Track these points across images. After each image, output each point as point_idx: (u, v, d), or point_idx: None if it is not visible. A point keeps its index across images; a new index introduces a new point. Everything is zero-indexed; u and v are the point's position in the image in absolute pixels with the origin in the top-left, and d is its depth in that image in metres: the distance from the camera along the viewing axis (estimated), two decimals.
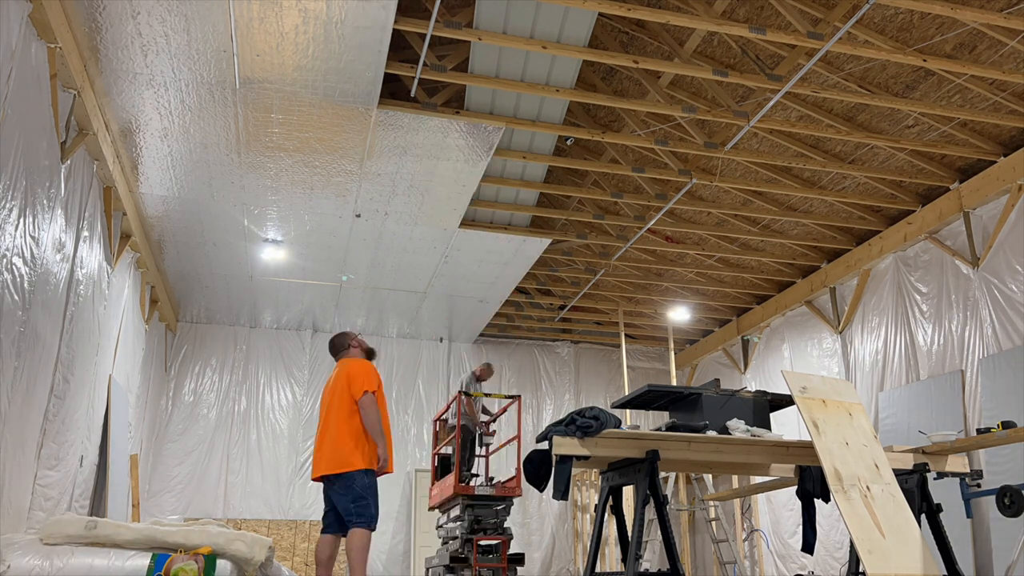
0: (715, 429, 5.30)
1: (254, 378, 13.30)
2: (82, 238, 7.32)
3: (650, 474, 4.84)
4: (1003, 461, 7.72)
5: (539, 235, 10.45)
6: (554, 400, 14.79)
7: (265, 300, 12.38)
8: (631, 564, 4.82)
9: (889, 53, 7.04)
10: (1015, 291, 8.13)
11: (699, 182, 9.31)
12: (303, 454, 13.16)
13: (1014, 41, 6.94)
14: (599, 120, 8.97)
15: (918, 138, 8.50)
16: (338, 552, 5.59)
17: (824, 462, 4.88)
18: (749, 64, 7.54)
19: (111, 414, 8.83)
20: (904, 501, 4.92)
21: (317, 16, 6.31)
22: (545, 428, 4.99)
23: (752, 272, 12.03)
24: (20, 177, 5.59)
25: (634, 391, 5.70)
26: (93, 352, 8.06)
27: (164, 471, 12.38)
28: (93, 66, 6.77)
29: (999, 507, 5.87)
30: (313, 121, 7.71)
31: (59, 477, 7.22)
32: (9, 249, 5.53)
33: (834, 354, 11.03)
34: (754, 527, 12.23)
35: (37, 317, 6.24)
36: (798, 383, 5.34)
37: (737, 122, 8.01)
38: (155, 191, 8.93)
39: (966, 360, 8.70)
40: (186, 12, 6.22)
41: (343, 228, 9.91)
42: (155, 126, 7.72)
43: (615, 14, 6.88)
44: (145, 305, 10.55)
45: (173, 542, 5.47)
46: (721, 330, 14.02)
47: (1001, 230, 8.34)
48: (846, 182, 9.53)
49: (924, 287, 9.46)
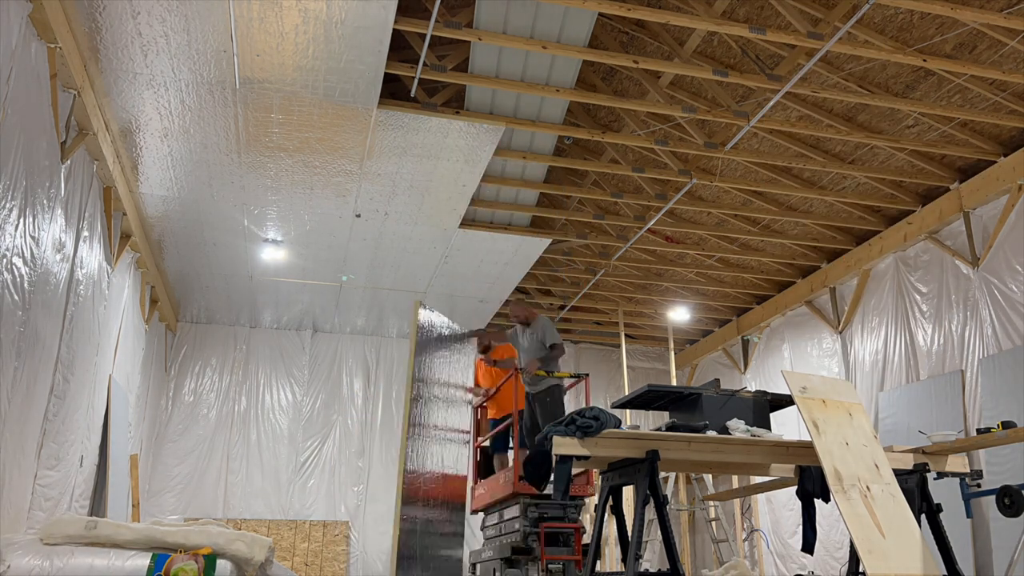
0: (715, 429, 5.30)
1: (254, 378, 13.29)
2: (82, 238, 7.32)
3: (650, 474, 4.83)
4: (1003, 461, 7.72)
5: (539, 235, 10.45)
6: None
7: (265, 300, 12.37)
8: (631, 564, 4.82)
9: (889, 53, 7.04)
10: (1015, 291, 8.13)
11: (699, 182, 9.31)
12: (303, 454, 13.15)
13: (1014, 41, 6.94)
14: (599, 120, 8.97)
15: (918, 138, 8.50)
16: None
17: (824, 462, 4.87)
18: (749, 64, 7.54)
19: (111, 414, 8.83)
20: (904, 501, 4.92)
21: (317, 16, 6.31)
22: (545, 428, 4.99)
23: (752, 272, 12.03)
24: (20, 177, 5.59)
25: (634, 391, 5.69)
26: (93, 352, 8.06)
27: (164, 471, 12.38)
28: (93, 66, 6.77)
29: (999, 507, 5.86)
30: (313, 121, 7.71)
31: (59, 477, 7.22)
32: (9, 249, 5.53)
33: (834, 354, 11.03)
34: (754, 527, 12.23)
35: (37, 317, 6.24)
36: (798, 383, 5.33)
37: (737, 122, 8.01)
38: (155, 191, 8.93)
39: (966, 360, 8.70)
40: (186, 12, 6.22)
41: (343, 228, 9.91)
42: (155, 126, 7.72)
43: (615, 14, 6.88)
44: (145, 305, 10.55)
45: (173, 542, 5.47)
46: (721, 330, 14.02)
47: (1001, 230, 8.34)
48: (846, 182, 9.53)
49: (924, 287, 9.46)
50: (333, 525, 12.82)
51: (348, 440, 13.39)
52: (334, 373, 13.65)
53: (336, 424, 13.43)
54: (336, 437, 13.38)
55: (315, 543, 12.64)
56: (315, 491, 13.03)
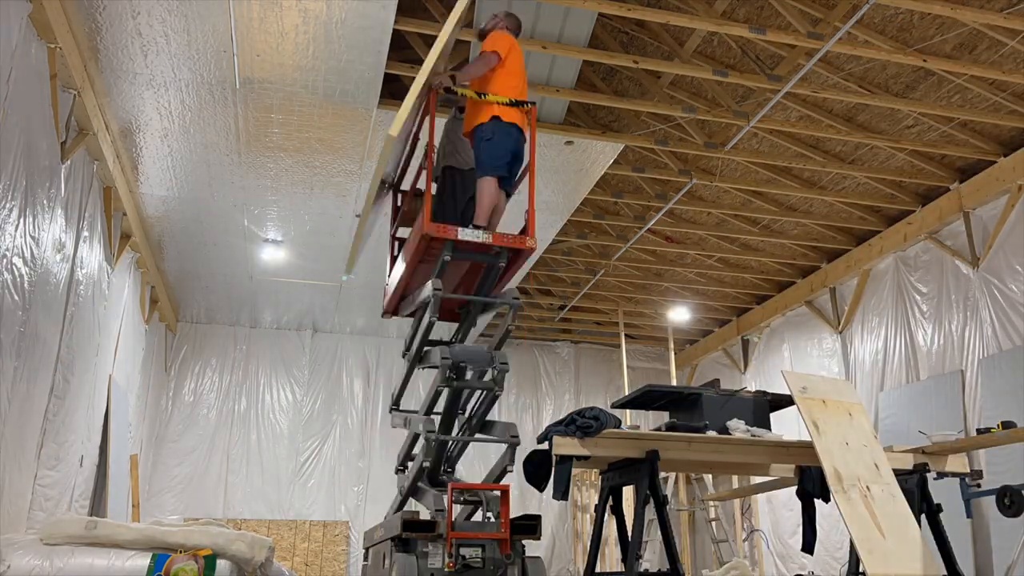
0: (715, 429, 5.30)
1: (254, 378, 13.30)
2: (82, 238, 7.32)
3: (650, 474, 4.84)
4: (1003, 461, 7.71)
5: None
6: (554, 400, 14.79)
7: (265, 300, 12.37)
8: (631, 564, 4.83)
9: (889, 53, 7.04)
10: (1015, 291, 8.13)
11: (699, 182, 9.31)
12: (303, 454, 13.16)
13: (1014, 41, 6.94)
14: (599, 120, 8.97)
15: (918, 138, 8.50)
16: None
17: (824, 462, 4.88)
18: (749, 64, 7.54)
19: (111, 414, 8.83)
20: (904, 501, 4.93)
21: (317, 16, 6.31)
22: (545, 428, 4.99)
23: (752, 272, 12.03)
24: (20, 177, 5.59)
25: (634, 391, 5.70)
26: (93, 352, 8.06)
27: (164, 471, 12.38)
28: (93, 66, 6.76)
29: (999, 507, 5.86)
30: (313, 121, 7.70)
31: (59, 477, 7.22)
32: (9, 249, 5.53)
33: (834, 354, 11.03)
34: (754, 527, 12.23)
35: (37, 317, 6.24)
36: (798, 383, 5.34)
37: (737, 122, 8.01)
38: (155, 191, 8.93)
39: (966, 360, 8.70)
40: (186, 12, 6.21)
41: (343, 228, 9.90)
42: (155, 126, 7.72)
43: (615, 14, 6.88)
44: (145, 305, 10.55)
45: (173, 542, 5.47)
46: (721, 330, 14.02)
47: (1001, 230, 8.34)
48: (846, 182, 9.53)
49: (924, 287, 9.46)
50: (333, 525, 12.82)
51: (348, 440, 13.40)
52: (334, 373, 13.65)
53: (336, 424, 13.43)
54: (336, 437, 13.38)
55: (315, 543, 12.64)
56: (315, 491, 13.03)
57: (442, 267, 5.46)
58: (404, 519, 5.13)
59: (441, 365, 5.39)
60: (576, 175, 8.90)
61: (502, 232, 5.61)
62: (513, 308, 5.67)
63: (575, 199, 9.37)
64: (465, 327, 6.37)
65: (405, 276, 6.10)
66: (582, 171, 8.82)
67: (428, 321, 5.57)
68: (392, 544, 5.27)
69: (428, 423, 5.87)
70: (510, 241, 5.52)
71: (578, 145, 8.36)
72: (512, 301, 5.68)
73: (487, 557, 4.99)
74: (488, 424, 6.20)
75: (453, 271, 5.85)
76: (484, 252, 5.57)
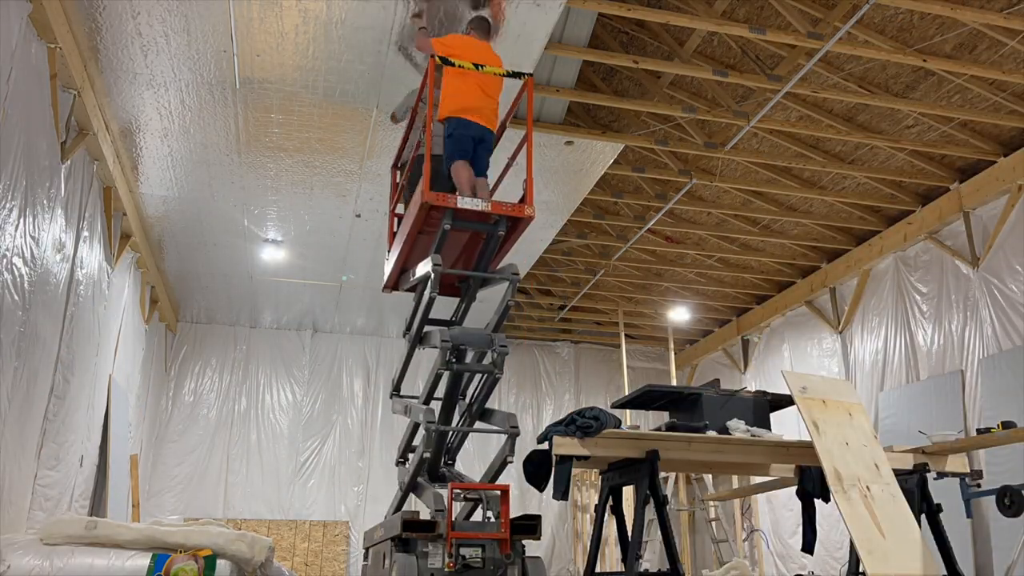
0: (715, 429, 5.31)
1: (254, 378, 13.29)
2: (82, 238, 7.32)
3: (650, 474, 4.84)
4: (1003, 461, 7.72)
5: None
6: (554, 400, 14.79)
7: (265, 300, 12.37)
8: (631, 564, 4.83)
9: (889, 53, 7.04)
10: (1015, 291, 8.13)
11: (699, 182, 9.31)
12: (303, 454, 13.16)
13: (1014, 41, 6.94)
14: (599, 120, 8.96)
15: (918, 138, 8.50)
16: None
17: (824, 462, 4.88)
18: (749, 64, 7.54)
19: (111, 414, 8.83)
20: (904, 501, 4.93)
21: (317, 16, 6.31)
22: (545, 428, 4.99)
23: (752, 272, 12.03)
24: (20, 177, 5.59)
25: (634, 391, 5.70)
26: (93, 352, 8.06)
27: (164, 471, 12.38)
28: (93, 66, 6.76)
29: (999, 507, 5.86)
30: (313, 121, 7.70)
31: (59, 477, 7.22)
32: (9, 249, 5.53)
33: (834, 354, 11.03)
34: (754, 527, 12.23)
35: (37, 317, 6.24)
36: (798, 383, 5.34)
37: (737, 122, 8.01)
38: (155, 191, 8.93)
39: (966, 360, 8.70)
40: (186, 12, 6.21)
41: (343, 228, 9.90)
42: (155, 126, 7.72)
43: (615, 14, 6.88)
44: (145, 305, 10.55)
45: (173, 542, 5.47)
46: (721, 330, 14.02)
47: (1001, 230, 8.34)
48: (846, 182, 9.53)
49: (924, 287, 9.46)
50: (333, 525, 12.82)
51: (348, 440, 13.40)
52: (334, 373, 13.65)
53: (336, 424, 13.43)
54: (336, 437, 13.38)
55: (315, 543, 12.64)
56: (315, 491, 13.03)
57: (442, 238, 5.48)
58: (404, 519, 5.12)
59: (441, 348, 5.43)
60: (576, 175, 8.90)
61: (500, 200, 5.64)
62: (512, 283, 5.70)
63: (575, 199, 9.37)
64: (465, 303, 6.44)
65: (405, 249, 6.13)
66: (582, 171, 8.82)
67: (429, 297, 5.62)
68: (392, 544, 5.27)
69: (428, 413, 5.89)
70: (509, 209, 5.52)
71: (578, 145, 8.36)
72: (511, 276, 5.73)
73: (487, 557, 5.00)
74: (488, 412, 6.24)
75: (452, 244, 5.87)
76: (483, 221, 5.60)
